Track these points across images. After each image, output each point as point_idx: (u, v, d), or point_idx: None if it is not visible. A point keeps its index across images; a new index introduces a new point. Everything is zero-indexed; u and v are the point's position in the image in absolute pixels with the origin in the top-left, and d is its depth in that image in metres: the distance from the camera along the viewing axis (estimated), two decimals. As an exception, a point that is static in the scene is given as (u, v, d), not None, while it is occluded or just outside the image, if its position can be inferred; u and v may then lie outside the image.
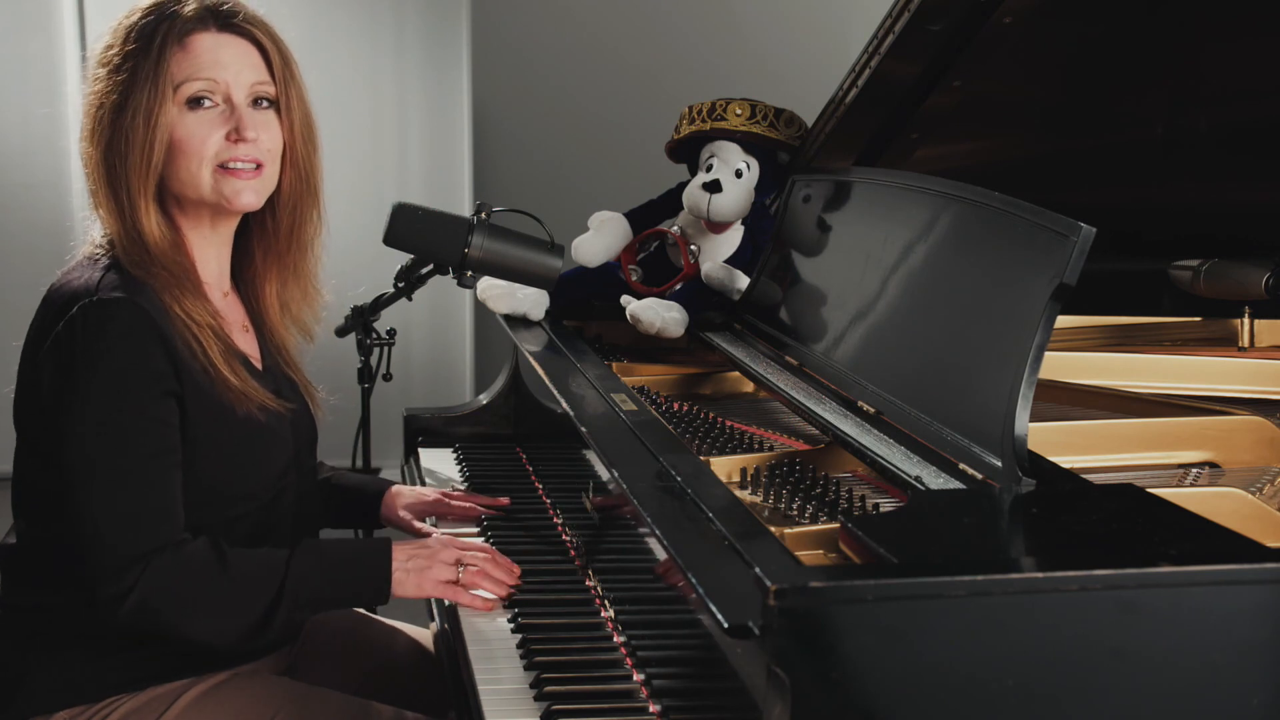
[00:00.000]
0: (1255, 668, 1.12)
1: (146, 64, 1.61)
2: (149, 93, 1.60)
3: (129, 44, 1.62)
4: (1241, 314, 2.31)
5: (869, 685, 1.07)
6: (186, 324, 1.61)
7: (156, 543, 1.55)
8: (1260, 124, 2.19)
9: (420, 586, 1.69)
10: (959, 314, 1.58)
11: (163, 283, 1.61)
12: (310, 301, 1.84)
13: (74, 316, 1.55)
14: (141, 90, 1.60)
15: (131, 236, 1.62)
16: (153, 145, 1.60)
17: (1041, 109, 2.38)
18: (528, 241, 2.06)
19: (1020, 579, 1.09)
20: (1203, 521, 1.25)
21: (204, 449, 1.62)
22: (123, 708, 1.62)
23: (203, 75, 1.62)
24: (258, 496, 1.69)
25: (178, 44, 1.62)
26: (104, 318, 1.54)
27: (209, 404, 1.61)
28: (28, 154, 3.95)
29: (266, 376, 1.75)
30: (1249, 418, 1.74)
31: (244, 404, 1.65)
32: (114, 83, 1.62)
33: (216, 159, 1.63)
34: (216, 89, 1.63)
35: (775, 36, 4.54)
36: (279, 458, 1.73)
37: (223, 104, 1.64)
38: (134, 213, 1.62)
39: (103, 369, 1.54)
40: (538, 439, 2.40)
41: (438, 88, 4.17)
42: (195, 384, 1.60)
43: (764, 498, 1.56)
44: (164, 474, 1.57)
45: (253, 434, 1.67)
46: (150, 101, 1.60)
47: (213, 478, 1.63)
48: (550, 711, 1.45)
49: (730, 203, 2.37)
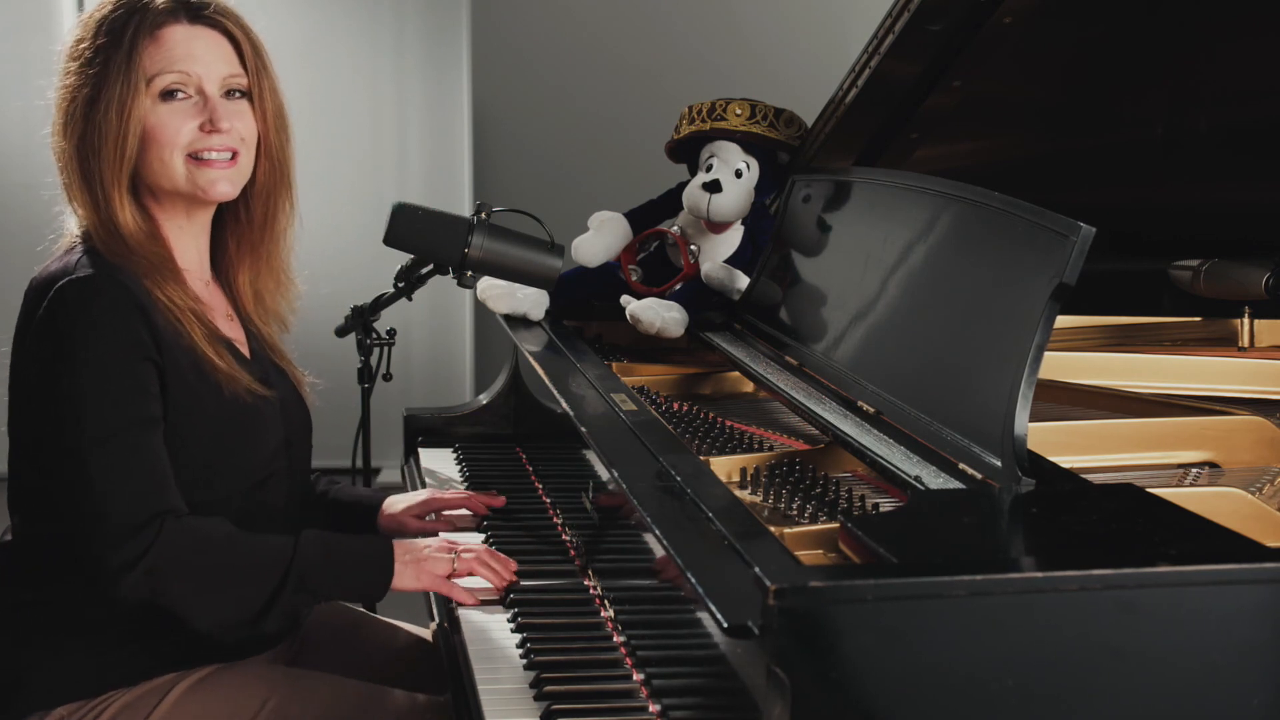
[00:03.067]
0: (1255, 668, 1.12)
1: (118, 57, 1.62)
2: (121, 86, 1.61)
3: (100, 37, 1.63)
4: (1241, 314, 2.31)
5: (869, 685, 1.07)
6: (169, 307, 1.63)
7: (162, 506, 1.56)
8: (1260, 124, 2.19)
9: (418, 578, 1.70)
10: (959, 314, 1.58)
11: (142, 269, 1.63)
12: (284, 291, 1.86)
13: (54, 297, 1.57)
14: (114, 83, 1.61)
15: (108, 228, 1.64)
16: (126, 137, 1.62)
17: (1041, 109, 2.38)
18: (528, 241, 2.06)
19: (1020, 579, 1.09)
20: (1202, 521, 1.25)
21: (189, 425, 1.63)
22: (119, 701, 1.63)
23: (175, 68, 1.64)
24: (246, 478, 1.71)
25: (149, 37, 1.63)
26: (84, 293, 1.57)
27: (191, 380, 1.63)
28: (28, 154, 3.95)
29: (254, 364, 1.77)
30: (1249, 418, 1.74)
31: (231, 385, 1.66)
32: (86, 76, 1.63)
33: (189, 149, 1.65)
34: (189, 81, 1.65)
35: (775, 36, 4.55)
36: (268, 440, 1.74)
37: (195, 95, 1.66)
38: (109, 205, 1.63)
39: (92, 340, 1.56)
40: (538, 439, 2.40)
41: (438, 88, 4.17)
42: (175, 359, 1.61)
43: (764, 498, 1.56)
44: (158, 441, 1.59)
45: (239, 415, 1.68)
46: (123, 94, 1.61)
47: (199, 455, 1.65)
48: (550, 711, 1.45)
49: (730, 203, 2.37)
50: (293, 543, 1.63)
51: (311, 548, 1.64)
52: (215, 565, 1.60)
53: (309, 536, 1.66)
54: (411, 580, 1.70)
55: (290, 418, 1.80)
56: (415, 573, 1.70)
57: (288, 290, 1.86)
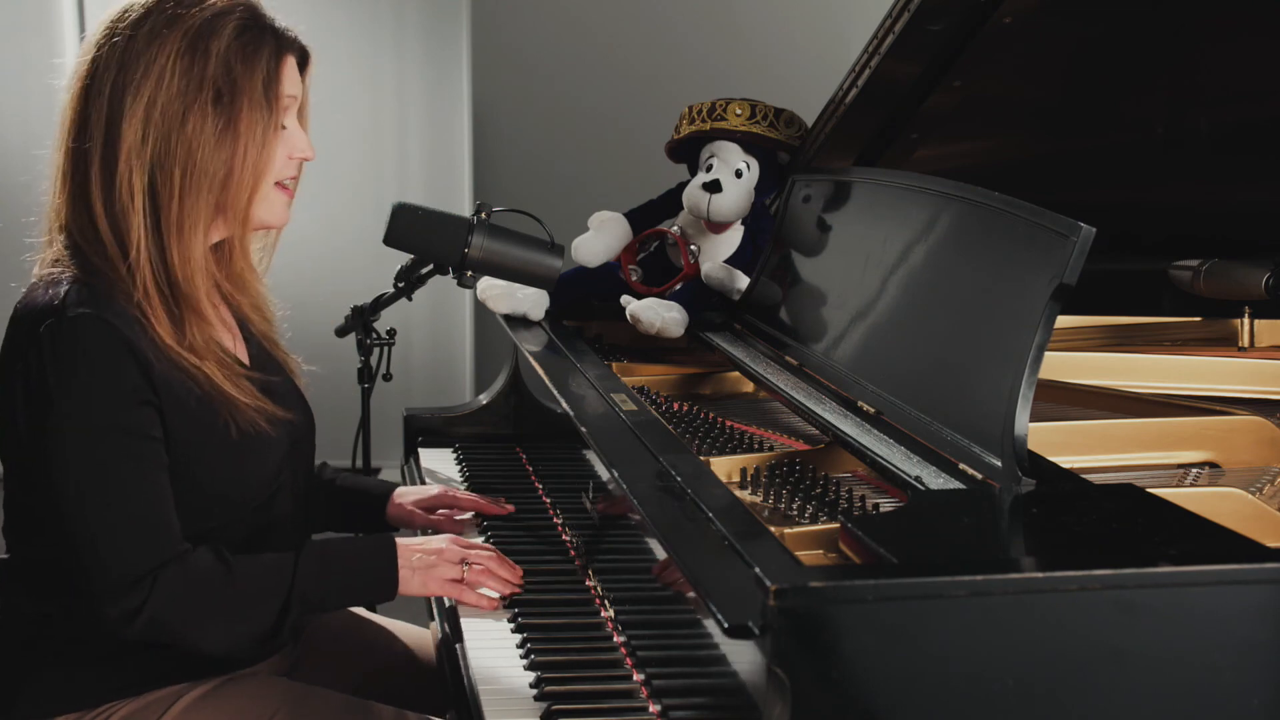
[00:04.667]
0: (1255, 668, 1.12)
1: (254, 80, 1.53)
2: (261, 112, 1.53)
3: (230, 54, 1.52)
4: (1241, 314, 2.31)
5: (869, 685, 1.07)
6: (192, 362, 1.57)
7: (160, 558, 1.52)
8: (1260, 124, 2.19)
9: (425, 585, 1.68)
10: (959, 314, 1.58)
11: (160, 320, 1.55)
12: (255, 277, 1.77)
13: (40, 336, 1.50)
14: (252, 109, 1.53)
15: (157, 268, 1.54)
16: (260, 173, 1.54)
17: (1041, 109, 2.38)
18: (528, 241, 2.06)
19: (1020, 579, 1.09)
20: (1203, 521, 1.25)
21: (193, 457, 1.59)
22: (120, 712, 1.61)
23: (292, 93, 1.60)
24: (255, 497, 1.67)
25: (278, 60, 1.57)
26: (71, 337, 1.50)
27: (193, 413, 1.58)
28: (28, 154, 3.95)
29: (255, 368, 1.71)
30: (1249, 418, 1.74)
31: (248, 414, 1.62)
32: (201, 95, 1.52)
33: (279, 177, 1.62)
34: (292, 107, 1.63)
35: (775, 36, 4.54)
36: (272, 459, 1.69)
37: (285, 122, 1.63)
38: (184, 248, 1.54)
39: (75, 389, 1.50)
40: (538, 439, 2.40)
41: (438, 88, 4.17)
42: (174, 394, 1.55)
43: (764, 498, 1.56)
44: (154, 487, 1.54)
45: (246, 439, 1.63)
46: (265, 121, 1.53)
47: (205, 485, 1.61)
48: (550, 711, 1.45)
49: (730, 203, 2.37)
50: (292, 563, 1.59)
51: (312, 564, 1.61)
52: (216, 605, 1.56)
53: (309, 553, 1.62)
54: (419, 587, 1.68)
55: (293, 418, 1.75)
56: (423, 580, 1.68)
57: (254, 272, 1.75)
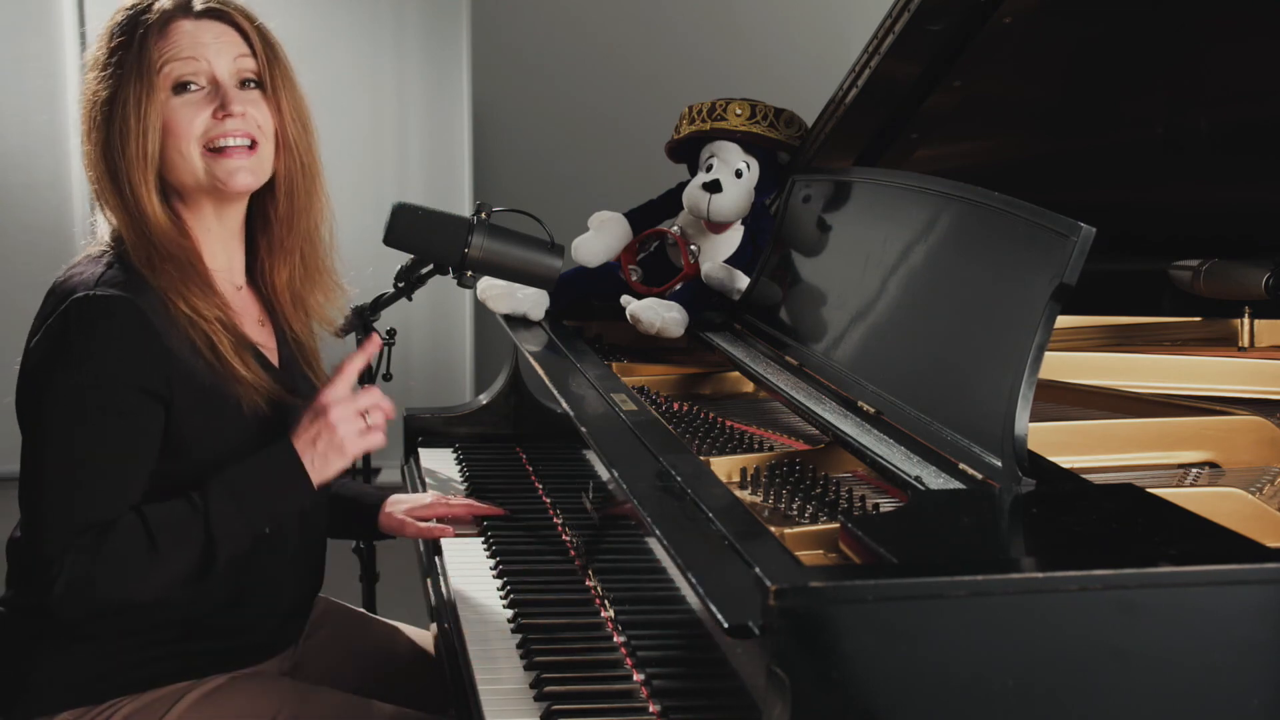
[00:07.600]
0: (1255, 668, 1.12)
1: (130, 56, 1.63)
2: (135, 83, 1.62)
3: (112, 40, 1.65)
4: (1241, 314, 2.31)
5: (869, 685, 1.07)
6: (193, 320, 1.61)
7: (78, 531, 1.53)
8: (1260, 124, 2.19)
9: (344, 454, 1.66)
10: (959, 314, 1.58)
11: (168, 280, 1.61)
12: (328, 293, 1.84)
13: (68, 308, 1.55)
14: (129, 82, 1.62)
15: (138, 229, 1.63)
16: (146, 134, 1.62)
17: (1041, 109, 2.38)
18: (528, 241, 2.05)
19: (1020, 579, 1.09)
20: (1203, 521, 1.25)
21: (206, 448, 1.61)
22: (124, 709, 1.62)
23: (184, 56, 1.64)
24: None
25: (158, 33, 1.64)
26: (96, 314, 1.55)
27: (210, 403, 1.61)
28: (28, 154, 3.95)
29: (283, 372, 1.75)
30: (1249, 418, 1.74)
31: (252, 397, 1.64)
32: (102, 79, 1.64)
33: (205, 139, 1.64)
34: (200, 71, 1.65)
35: (775, 36, 4.54)
36: None
37: (208, 85, 1.65)
38: (137, 204, 1.63)
39: (87, 367, 1.54)
40: (538, 439, 2.40)
41: (438, 88, 4.17)
42: (192, 386, 1.59)
43: (764, 498, 1.56)
44: (119, 477, 1.56)
45: (261, 432, 1.65)
46: (138, 91, 1.62)
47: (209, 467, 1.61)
48: (550, 711, 1.45)
49: (730, 203, 2.37)
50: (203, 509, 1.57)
51: (222, 503, 1.58)
52: (133, 565, 1.54)
53: (216, 490, 1.59)
54: (341, 462, 1.66)
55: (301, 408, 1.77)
56: (338, 452, 1.65)
57: (331, 292, 1.85)
